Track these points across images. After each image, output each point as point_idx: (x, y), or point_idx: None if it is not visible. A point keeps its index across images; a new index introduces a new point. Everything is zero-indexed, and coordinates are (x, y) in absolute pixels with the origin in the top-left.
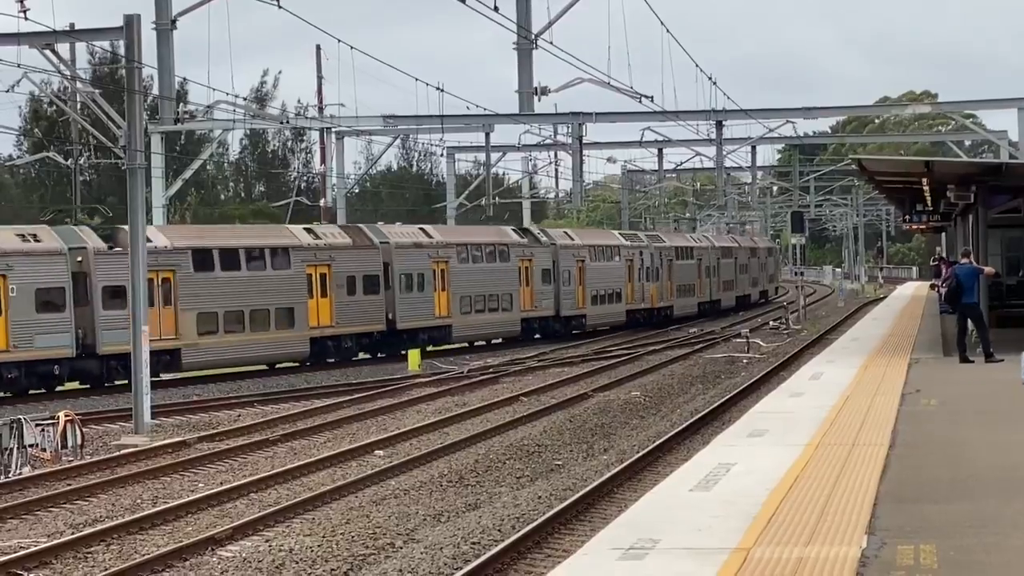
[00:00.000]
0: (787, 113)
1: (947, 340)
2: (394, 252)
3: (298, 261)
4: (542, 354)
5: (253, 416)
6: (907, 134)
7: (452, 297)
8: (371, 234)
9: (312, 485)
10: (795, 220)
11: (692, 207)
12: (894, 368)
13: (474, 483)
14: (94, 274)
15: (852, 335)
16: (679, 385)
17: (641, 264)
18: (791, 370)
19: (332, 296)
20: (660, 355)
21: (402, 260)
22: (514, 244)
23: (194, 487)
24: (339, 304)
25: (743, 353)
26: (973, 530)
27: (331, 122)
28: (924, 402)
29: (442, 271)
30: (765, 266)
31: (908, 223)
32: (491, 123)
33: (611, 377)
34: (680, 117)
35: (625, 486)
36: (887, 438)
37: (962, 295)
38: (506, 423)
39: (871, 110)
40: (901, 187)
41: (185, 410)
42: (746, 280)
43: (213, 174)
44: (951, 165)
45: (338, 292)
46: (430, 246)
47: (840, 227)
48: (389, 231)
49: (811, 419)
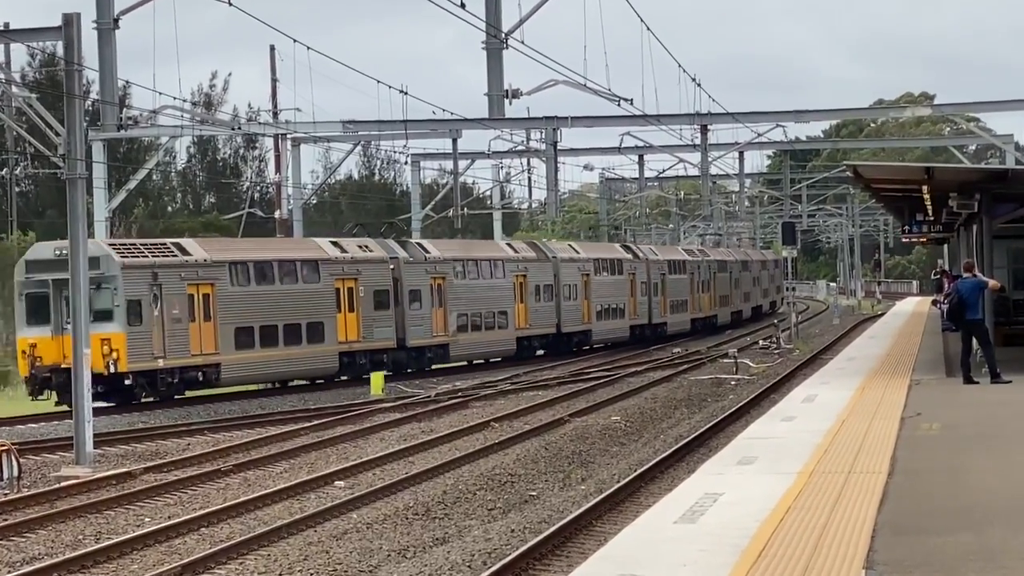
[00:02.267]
0: (777, 116)
1: (950, 360)
2: (403, 267)
3: (327, 275)
4: (515, 377)
5: (203, 445)
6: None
7: (449, 314)
8: (382, 248)
9: (267, 519)
10: (786, 231)
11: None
12: (893, 390)
13: (442, 516)
14: (403, 279)
15: (848, 355)
16: (662, 409)
17: (647, 278)
18: (782, 392)
19: (359, 311)
20: (642, 377)
21: (410, 276)
22: (508, 259)
23: (140, 522)
24: (365, 319)
25: (731, 375)
26: (978, 563)
27: (286, 128)
28: (925, 426)
29: (439, 287)
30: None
31: (907, 234)
32: (459, 128)
33: (589, 401)
34: (662, 121)
35: (605, 518)
36: (886, 465)
37: (965, 311)
38: (476, 451)
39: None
40: (900, 195)
41: (130, 439)
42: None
43: (159, 184)
44: (953, 172)
45: (365, 307)
46: (430, 261)
47: (834, 238)
48: (394, 245)
49: (804, 445)
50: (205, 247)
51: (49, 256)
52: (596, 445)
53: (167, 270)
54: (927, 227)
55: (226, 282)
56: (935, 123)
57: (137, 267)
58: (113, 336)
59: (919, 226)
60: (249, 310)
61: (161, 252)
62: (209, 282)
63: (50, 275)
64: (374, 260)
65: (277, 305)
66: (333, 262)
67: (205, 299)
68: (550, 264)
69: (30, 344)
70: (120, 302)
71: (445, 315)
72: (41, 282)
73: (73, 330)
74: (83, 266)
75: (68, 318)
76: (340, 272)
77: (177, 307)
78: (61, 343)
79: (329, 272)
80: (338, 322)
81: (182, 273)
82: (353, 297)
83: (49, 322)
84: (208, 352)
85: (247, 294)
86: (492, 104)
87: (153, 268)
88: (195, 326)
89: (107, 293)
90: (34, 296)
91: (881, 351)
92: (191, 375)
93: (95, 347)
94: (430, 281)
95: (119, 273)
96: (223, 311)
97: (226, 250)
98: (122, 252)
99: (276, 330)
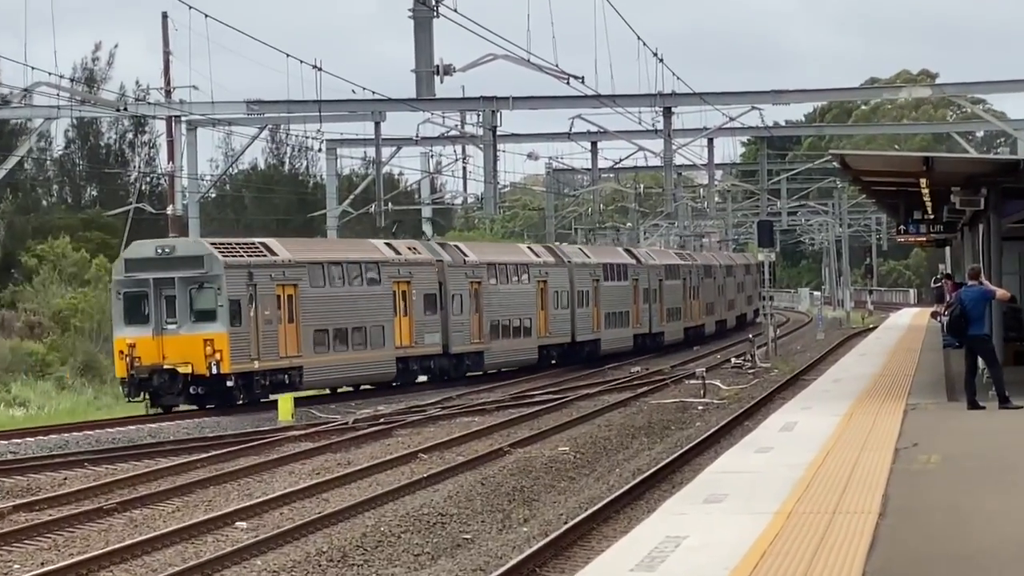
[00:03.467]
0: (752, 97)
1: (952, 382)
2: (447, 271)
3: (387, 277)
4: (446, 400)
5: (83, 479)
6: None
7: (484, 320)
8: (428, 250)
9: (157, 565)
10: (762, 231)
11: (634, 215)
12: (886, 416)
13: (361, 562)
14: (447, 283)
15: (834, 375)
16: (618, 438)
17: (648, 284)
18: (757, 419)
19: (412, 315)
20: (594, 401)
21: (453, 280)
22: (532, 264)
23: (8, 569)
24: (417, 323)
25: (697, 398)
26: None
27: (181, 108)
28: (923, 459)
29: (476, 291)
30: (749, 284)
31: (903, 235)
32: (382, 110)
33: (533, 428)
34: (618, 103)
35: (550, 565)
36: (877, 504)
37: (969, 325)
38: (401, 487)
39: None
40: (895, 190)
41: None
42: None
43: (32, 174)
44: (956, 162)
45: (417, 311)
46: (468, 264)
47: (819, 240)
48: (437, 247)
49: (782, 480)
50: (287, 247)
51: (150, 254)
52: (541, 480)
53: (260, 270)
54: (926, 227)
55: (306, 283)
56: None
57: (237, 266)
58: (216, 336)
59: (917, 226)
60: (326, 312)
61: (253, 252)
62: (293, 283)
63: (150, 274)
64: (424, 263)
65: (348, 307)
66: (391, 264)
67: (289, 300)
68: (566, 269)
69: (128, 344)
70: (223, 302)
71: (480, 321)
72: (141, 281)
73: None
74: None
75: (169, 317)
76: (396, 274)
77: (268, 308)
78: (161, 343)
79: (388, 274)
80: (395, 326)
81: (272, 273)
82: (407, 301)
83: (148, 322)
84: (292, 354)
85: (324, 296)
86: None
87: (249, 268)
88: (282, 328)
89: (210, 293)
90: (133, 295)
91: (872, 371)
92: (279, 378)
93: (196, 347)
94: (468, 285)
95: (223, 272)
96: (305, 313)
97: (305, 250)
98: (223, 251)
99: (347, 333)
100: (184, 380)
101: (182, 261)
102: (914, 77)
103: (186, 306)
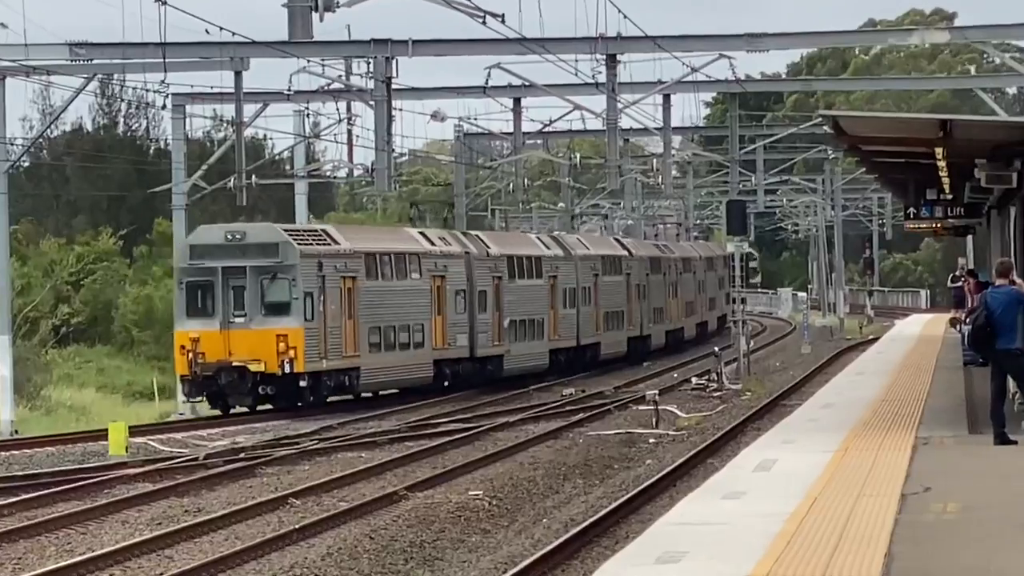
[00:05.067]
0: (720, 43)
1: (974, 408)
2: (473, 264)
3: (426, 271)
4: (326, 430)
5: None
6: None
7: (504, 321)
8: (457, 242)
9: None
10: (733, 213)
11: (568, 192)
12: (890, 453)
13: None
14: (474, 278)
15: (823, 399)
16: (546, 480)
17: (638, 279)
18: (725, 456)
19: (445, 313)
20: (515, 431)
21: (479, 275)
22: (545, 257)
23: None
24: (450, 323)
25: (648, 428)
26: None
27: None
28: (937, 508)
29: (497, 288)
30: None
31: (913, 220)
32: (244, 56)
33: (436, 467)
34: (549, 48)
35: None
36: (877, 567)
37: (997, 336)
38: (267, 541)
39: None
40: (903, 163)
41: None
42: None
43: None
44: (981, 127)
45: (449, 308)
46: (491, 258)
47: (805, 226)
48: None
49: (756, 535)
50: (344, 235)
51: (219, 240)
52: (447, 533)
53: (328, 260)
54: (943, 210)
55: (362, 276)
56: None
57: (310, 256)
58: (291, 332)
59: (931, 209)
60: (379, 308)
61: (319, 240)
62: (352, 275)
63: (219, 262)
64: (455, 256)
65: (397, 303)
66: (429, 256)
67: (348, 294)
68: (571, 263)
69: (191, 338)
70: (299, 294)
71: (500, 321)
72: (207, 269)
73: None
74: None
75: (237, 310)
76: (434, 268)
77: (334, 302)
78: (227, 338)
79: (427, 268)
80: (433, 325)
81: (336, 264)
82: (442, 297)
83: (214, 314)
84: (350, 354)
85: (379, 290)
86: (294, 20)
87: (320, 258)
88: (344, 324)
89: (284, 284)
90: (198, 284)
91: (873, 394)
92: (340, 379)
93: (269, 343)
94: (492, 281)
95: (298, 262)
96: (362, 308)
97: (359, 238)
98: (297, 238)
99: (394, 332)
100: (254, 379)
101: (254, 248)
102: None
103: (257, 298)
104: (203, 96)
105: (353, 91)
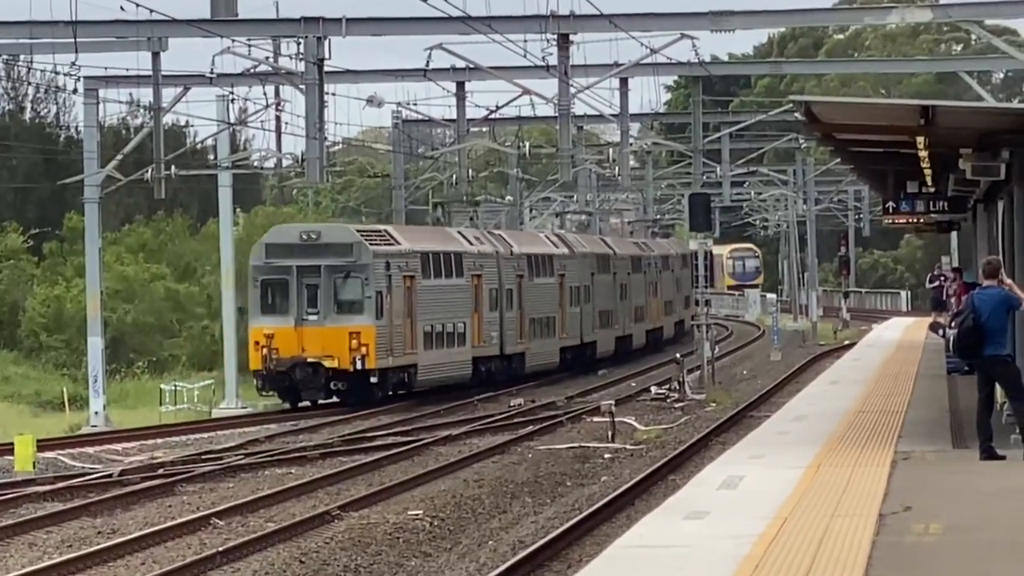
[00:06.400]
0: (682, 21)
1: (959, 420)
2: (501, 262)
3: (467, 270)
4: (253, 443)
5: None
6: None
7: (524, 319)
8: (487, 241)
9: None
10: (696, 208)
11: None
12: (867, 469)
13: None
14: (503, 277)
15: (795, 411)
16: (492, 499)
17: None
18: (688, 472)
19: (482, 311)
20: (457, 446)
21: (506, 273)
22: (556, 255)
23: None
24: (486, 321)
25: (604, 443)
26: None
27: None
28: (918, 529)
29: (519, 286)
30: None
31: (893, 215)
32: (162, 36)
33: (372, 484)
34: (495, 27)
35: None
36: None
37: (985, 342)
38: (187, 565)
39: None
40: (881, 152)
41: None
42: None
43: None
44: (967, 114)
45: (484, 307)
46: (514, 256)
47: (775, 222)
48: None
49: (720, 559)
50: (402, 235)
51: (294, 240)
52: (384, 556)
53: (394, 260)
54: (925, 204)
55: (419, 275)
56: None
57: (380, 256)
58: (363, 329)
59: (912, 203)
60: (434, 306)
61: (384, 240)
62: (412, 274)
63: (293, 261)
64: (488, 255)
65: (446, 301)
66: (470, 256)
67: (408, 293)
68: (577, 261)
69: (266, 335)
70: (371, 293)
71: (522, 320)
72: (282, 268)
73: None
74: None
75: (310, 307)
76: (473, 267)
77: (398, 301)
78: (301, 335)
79: (468, 267)
80: (472, 323)
81: (400, 264)
82: (479, 296)
83: (288, 311)
84: (409, 351)
85: (434, 289)
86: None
87: (387, 257)
88: (404, 322)
89: (357, 283)
90: (272, 282)
91: (849, 405)
92: (400, 376)
93: (341, 340)
94: (516, 280)
95: (371, 262)
96: (420, 306)
97: (414, 238)
98: (369, 239)
99: (443, 329)
100: (327, 375)
101: (328, 248)
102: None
103: (330, 296)
104: (118, 79)
105: (282, 74)
